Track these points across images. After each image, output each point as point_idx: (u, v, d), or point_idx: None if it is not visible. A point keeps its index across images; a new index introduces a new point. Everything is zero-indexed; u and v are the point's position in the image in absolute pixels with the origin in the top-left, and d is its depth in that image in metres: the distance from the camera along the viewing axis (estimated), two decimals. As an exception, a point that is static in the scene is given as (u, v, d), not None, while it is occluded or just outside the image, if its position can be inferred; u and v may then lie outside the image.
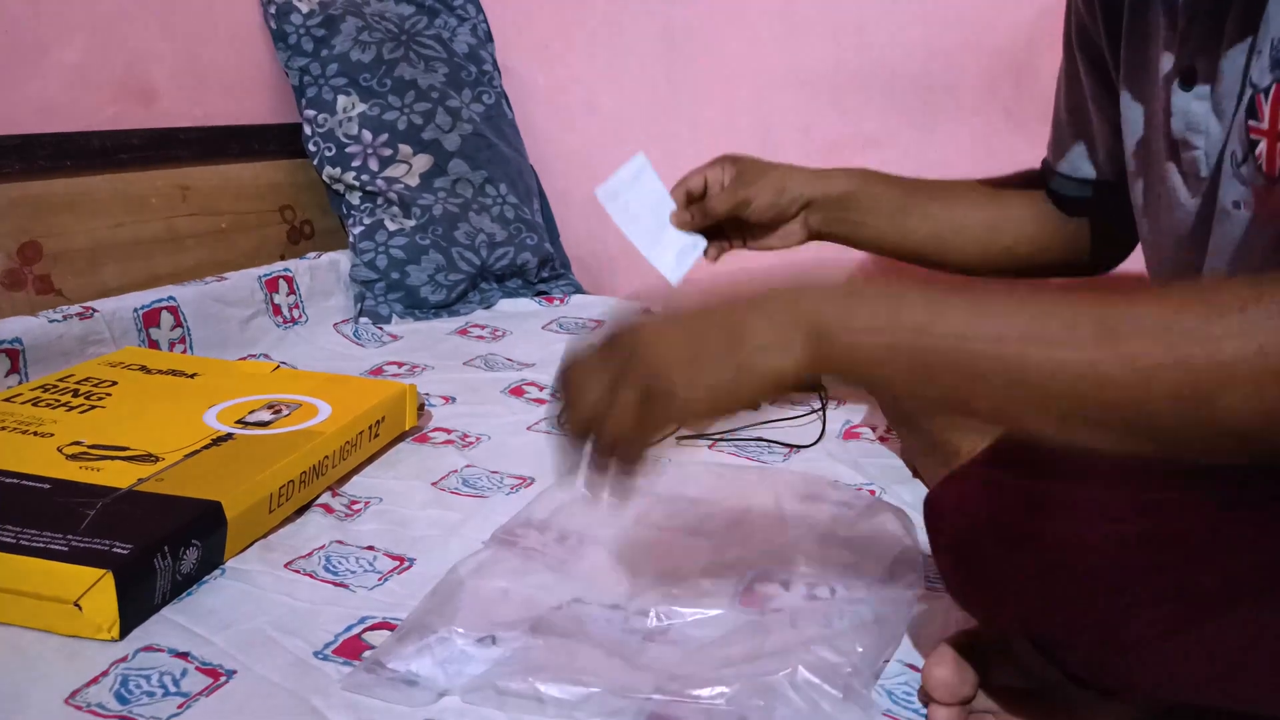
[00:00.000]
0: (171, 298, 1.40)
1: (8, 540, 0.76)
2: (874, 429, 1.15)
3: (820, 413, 1.18)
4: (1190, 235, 0.71)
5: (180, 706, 0.66)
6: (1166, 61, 0.71)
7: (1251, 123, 0.61)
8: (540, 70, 2.02)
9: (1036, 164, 1.02)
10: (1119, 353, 0.46)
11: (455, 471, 1.05)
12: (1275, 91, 0.60)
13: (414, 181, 1.75)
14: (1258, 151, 0.61)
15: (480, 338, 1.60)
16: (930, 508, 0.63)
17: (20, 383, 1.19)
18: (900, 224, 0.95)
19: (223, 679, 0.69)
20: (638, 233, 1.03)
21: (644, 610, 0.74)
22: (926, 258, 1.01)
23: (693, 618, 0.73)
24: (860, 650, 0.67)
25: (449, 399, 1.28)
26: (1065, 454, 0.54)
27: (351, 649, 0.72)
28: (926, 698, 0.65)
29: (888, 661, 0.70)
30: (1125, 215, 0.89)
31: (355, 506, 0.97)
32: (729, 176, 1.01)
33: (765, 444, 1.12)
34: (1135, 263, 0.92)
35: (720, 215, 1.02)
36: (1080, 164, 0.91)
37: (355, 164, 1.73)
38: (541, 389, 1.33)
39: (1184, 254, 0.72)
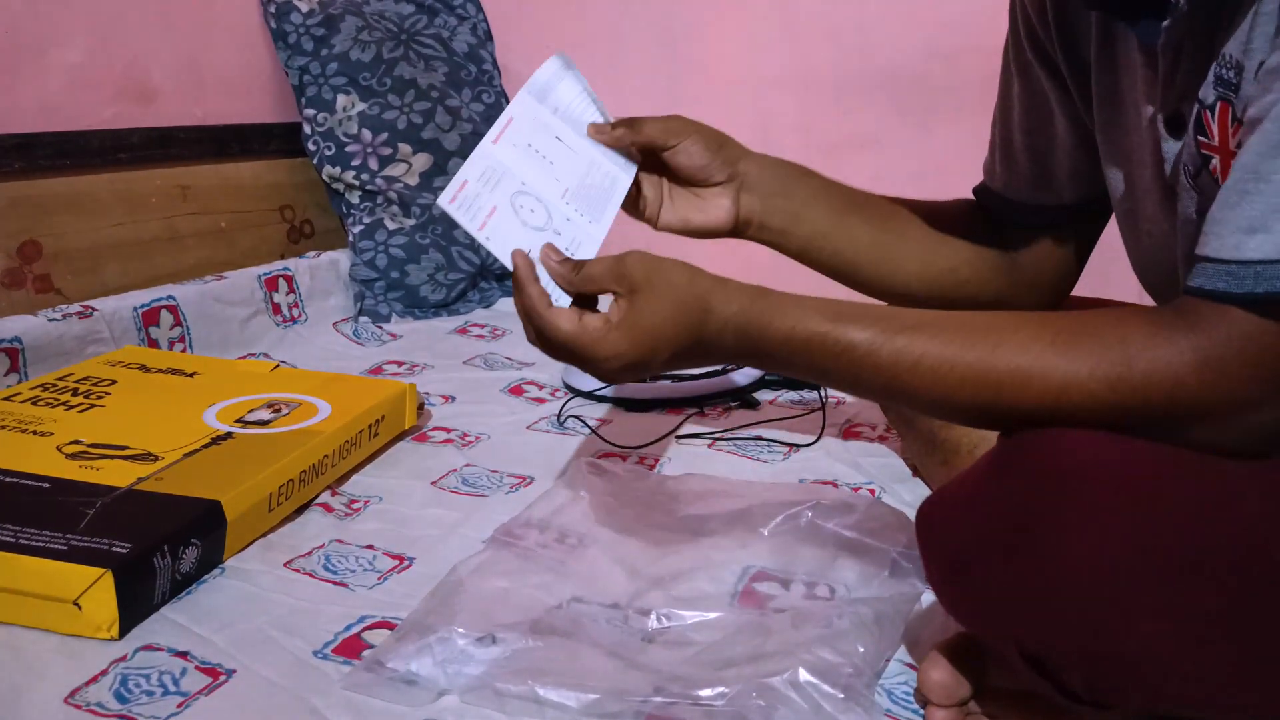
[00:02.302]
0: (171, 297, 1.40)
1: (7, 539, 0.76)
2: (874, 428, 1.15)
3: (820, 412, 1.18)
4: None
5: (180, 706, 0.66)
6: (1149, 106, 0.68)
7: (1201, 139, 0.61)
8: (540, 70, 2.02)
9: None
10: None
11: (455, 471, 1.05)
12: (1220, 110, 0.59)
13: (414, 180, 1.75)
14: (1211, 166, 0.60)
15: (480, 337, 1.60)
16: (922, 521, 0.63)
17: (20, 382, 1.19)
18: (842, 224, 0.86)
19: (222, 678, 0.69)
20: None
21: (644, 610, 0.74)
22: (861, 270, 0.90)
23: (693, 619, 0.73)
24: (861, 651, 0.67)
25: (448, 398, 1.28)
26: (1060, 466, 0.54)
27: (351, 648, 0.72)
28: (924, 699, 0.65)
29: (888, 661, 0.70)
30: (1080, 240, 0.88)
31: (355, 506, 0.97)
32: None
33: (765, 443, 1.12)
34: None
35: (648, 140, 0.87)
36: (1039, 194, 0.87)
37: (355, 163, 1.73)
38: (541, 388, 1.33)
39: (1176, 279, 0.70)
